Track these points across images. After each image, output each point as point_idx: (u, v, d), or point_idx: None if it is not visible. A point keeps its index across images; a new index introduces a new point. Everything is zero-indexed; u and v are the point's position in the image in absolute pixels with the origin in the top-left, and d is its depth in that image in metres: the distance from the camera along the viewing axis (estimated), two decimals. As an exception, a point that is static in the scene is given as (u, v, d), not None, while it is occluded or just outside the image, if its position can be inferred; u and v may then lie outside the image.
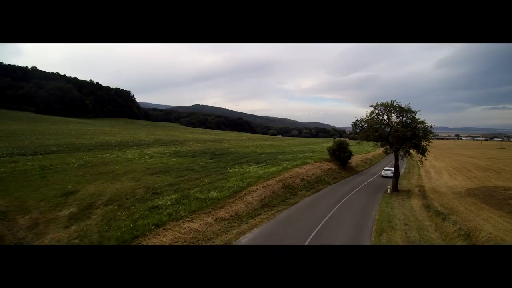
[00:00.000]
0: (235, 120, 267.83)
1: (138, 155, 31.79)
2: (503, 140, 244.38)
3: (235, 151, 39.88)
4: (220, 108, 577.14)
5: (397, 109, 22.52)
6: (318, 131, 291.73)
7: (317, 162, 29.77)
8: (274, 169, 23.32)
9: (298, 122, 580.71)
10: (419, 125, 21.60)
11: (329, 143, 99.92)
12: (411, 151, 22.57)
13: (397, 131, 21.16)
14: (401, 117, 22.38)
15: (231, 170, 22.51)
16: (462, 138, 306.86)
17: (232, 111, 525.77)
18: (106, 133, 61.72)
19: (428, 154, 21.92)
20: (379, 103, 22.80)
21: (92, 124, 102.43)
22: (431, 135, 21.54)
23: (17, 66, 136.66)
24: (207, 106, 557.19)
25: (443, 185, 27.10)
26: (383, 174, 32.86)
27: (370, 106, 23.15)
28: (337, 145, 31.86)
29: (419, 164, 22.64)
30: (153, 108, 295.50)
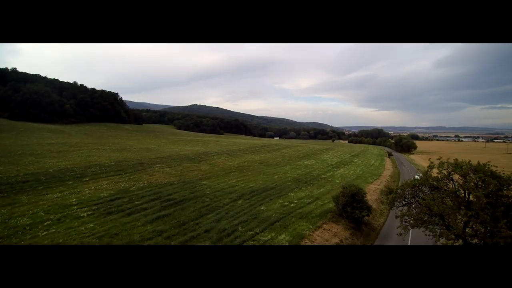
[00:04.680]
0: (232, 122, 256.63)
1: (46, 211, 21.23)
2: (504, 142, 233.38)
3: (206, 190, 29.17)
4: (218, 108, 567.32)
5: (490, 181, 11.63)
6: (317, 132, 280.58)
7: (319, 227, 18.94)
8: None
9: (296, 122, 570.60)
10: None
11: (328, 153, 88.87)
12: None
13: (500, 231, 10.28)
14: (495, 197, 11.47)
15: None
16: (462, 140, 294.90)
17: (230, 111, 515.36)
18: (62, 151, 51.01)
19: None
20: (444, 161, 12.16)
21: (67, 132, 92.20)
22: None
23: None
24: (204, 106, 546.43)
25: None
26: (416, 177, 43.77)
27: (429, 167, 12.47)
28: (349, 197, 20.77)
29: None
30: (147, 109, 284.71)
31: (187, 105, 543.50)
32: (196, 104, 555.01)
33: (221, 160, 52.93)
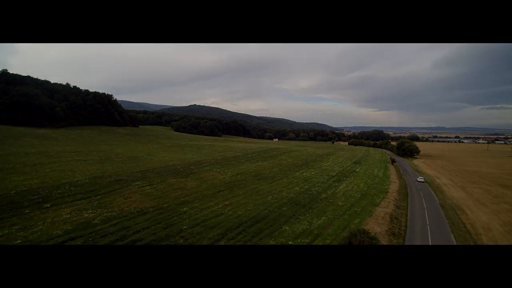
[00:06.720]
0: (230, 124, 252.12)
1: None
2: (505, 143, 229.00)
3: (183, 222, 24.62)
4: (218, 108, 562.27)
5: None
6: (316, 133, 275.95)
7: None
8: None
9: (296, 122, 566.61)
10: None
11: (328, 159, 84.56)
12: None
13: None
14: None
15: None
16: (463, 141, 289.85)
17: (230, 111, 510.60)
18: (37, 163, 46.46)
19: None
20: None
21: (54, 138, 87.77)
22: None
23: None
24: (203, 106, 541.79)
25: None
26: (419, 180, 55.70)
27: None
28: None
29: None
30: (144, 110, 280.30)
31: (186, 105, 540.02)
32: (195, 104, 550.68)
33: (212, 173, 48.44)
